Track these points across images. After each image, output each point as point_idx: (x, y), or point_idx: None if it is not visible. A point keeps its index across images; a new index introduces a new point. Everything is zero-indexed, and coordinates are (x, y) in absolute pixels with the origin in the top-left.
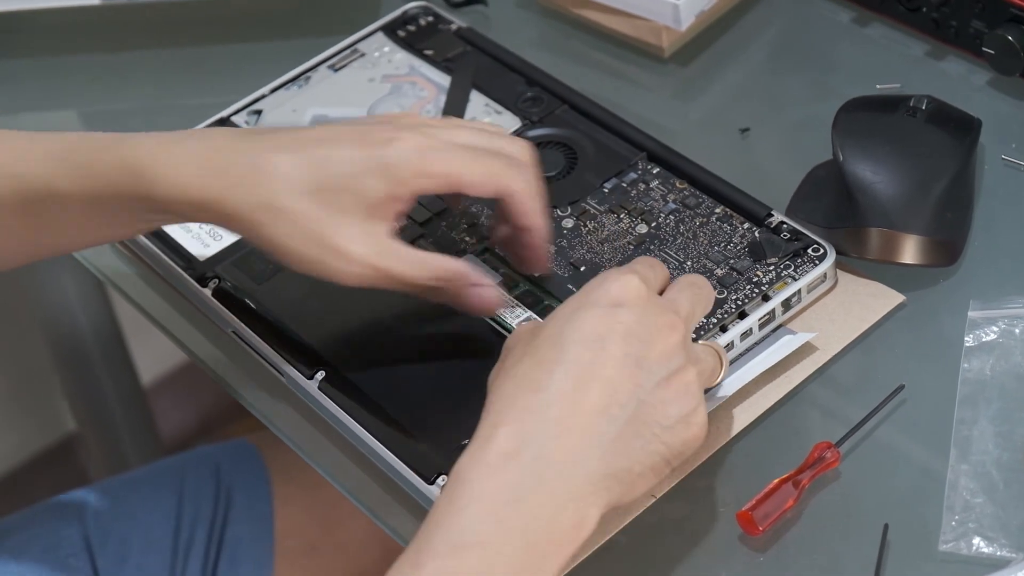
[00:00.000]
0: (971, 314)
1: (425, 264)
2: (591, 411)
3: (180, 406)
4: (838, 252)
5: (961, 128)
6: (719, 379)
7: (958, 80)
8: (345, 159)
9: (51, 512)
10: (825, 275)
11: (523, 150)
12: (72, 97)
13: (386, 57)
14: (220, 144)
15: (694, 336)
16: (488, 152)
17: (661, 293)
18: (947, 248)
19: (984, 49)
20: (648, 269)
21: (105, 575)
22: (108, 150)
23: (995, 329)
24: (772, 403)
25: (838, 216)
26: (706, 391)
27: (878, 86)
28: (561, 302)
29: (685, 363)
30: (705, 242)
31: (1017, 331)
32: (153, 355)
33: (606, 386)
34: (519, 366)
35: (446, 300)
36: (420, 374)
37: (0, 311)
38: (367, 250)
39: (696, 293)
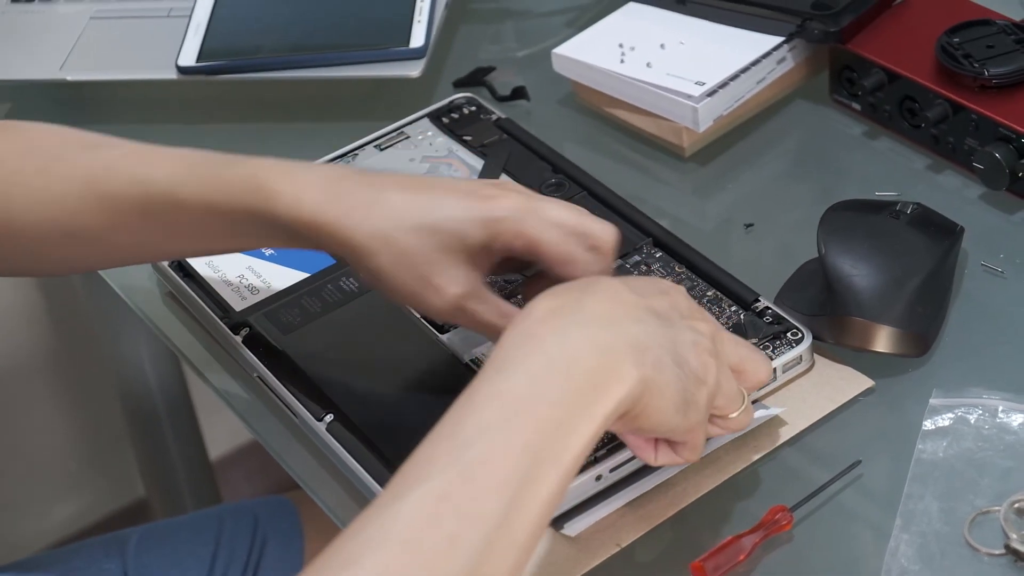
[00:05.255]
0: (932, 401)
1: (506, 315)
2: (627, 302)
3: (251, 480)
4: (818, 338)
5: (942, 232)
6: (733, 413)
7: (952, 192)
8: (453, 206)
9: (96, 547)
10: (801, 357)
11: (606, 233)
12: None
13: (428, 140)
14: (340, 175)
15: None
16: (575, 235)
17: None
18: (918, 340)
19: (975, 164)
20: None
21: None
22: (234, 164)
23: (951, 416)
24: (740, 468)
25: (820, 305)
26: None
27: (877, 193)
28: None
29: (707, 336)
30: None
31: (972, 419)
32: (227, 430)
33: (634, 303)
34: None
35: None
36: (427, 424)
37: (83, 379)
38: (461, 291)
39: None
